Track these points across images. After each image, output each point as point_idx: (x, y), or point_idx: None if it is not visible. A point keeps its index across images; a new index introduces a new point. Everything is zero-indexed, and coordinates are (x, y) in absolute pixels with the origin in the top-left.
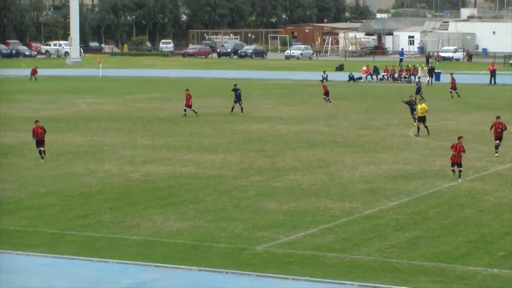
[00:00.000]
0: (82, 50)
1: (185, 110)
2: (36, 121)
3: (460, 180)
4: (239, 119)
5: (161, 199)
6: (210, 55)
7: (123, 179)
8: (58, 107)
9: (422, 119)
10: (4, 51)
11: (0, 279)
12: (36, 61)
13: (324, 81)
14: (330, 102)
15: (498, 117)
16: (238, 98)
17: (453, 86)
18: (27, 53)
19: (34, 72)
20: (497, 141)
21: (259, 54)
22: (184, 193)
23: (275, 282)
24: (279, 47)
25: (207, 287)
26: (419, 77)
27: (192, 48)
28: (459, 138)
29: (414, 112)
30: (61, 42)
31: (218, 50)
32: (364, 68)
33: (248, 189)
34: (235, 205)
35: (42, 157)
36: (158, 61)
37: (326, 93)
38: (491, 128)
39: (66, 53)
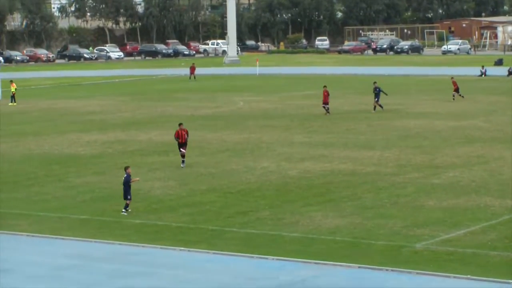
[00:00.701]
0: (239, 49)
1: (324, 107)
2: (180, 124)
3: None
4: (396, 116)
5: (319, 196)
6: (365, 52)
7: (281, 176)
8: (216, 105)
9: None
10: (164, 51)
11: (163, 274)
12: (195, 60)
13: (482, 75)
14: (463, 96)
15: None
16: (377, 96)
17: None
18: (186, 52)
19: (192, 69)
20: None
21: (416, 49)
22: (342, 190)
23: (435, 280)
24: (436, 43)
25: (367, 285)
26: None
27: (347, 45)
28: None
29: None
30: (219, 41)
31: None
32: None
33: (406, 186)
34: (393, 202)
35: (183, 161)
36: (314, 58)
37: (457, 90)
38: None
39: (224, 52)
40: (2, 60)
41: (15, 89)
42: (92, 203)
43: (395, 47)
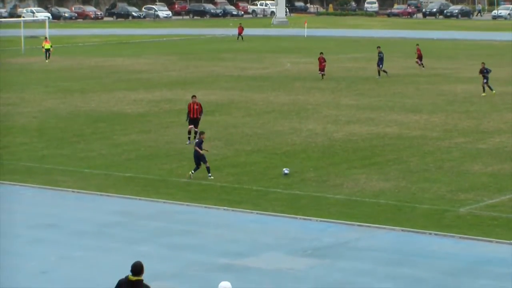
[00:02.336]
0: (287, 10)
1: (320, 74)
2: (193, 96)
3: None
4: (443, 80)
5: (364, 159)
6: (415, 15)
7: (326, 139)
8: (263, 66)
9: None
10: (212, 11)
11: (207, 233)
12: (243, 21)
13: None
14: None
15: None
16: (380, 61)
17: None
18: (234, 12)
19: (240, 29)
20: None
21: (465, 14)
22: (387, 154)
23: (478, 244)
24: (486, 7)
25: (410, 248)
26: None
27: (397, 8)
28: None
29: None
30: (267, 2)
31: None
32: None
33: (452, 151)
34: (438, 167)
35: (189, 138)
36: (363, 21)
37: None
38: None
39: (272, 13)
40: (51, 17)
41: (51, 46)
42: (137, 161)
43: (445, 11)
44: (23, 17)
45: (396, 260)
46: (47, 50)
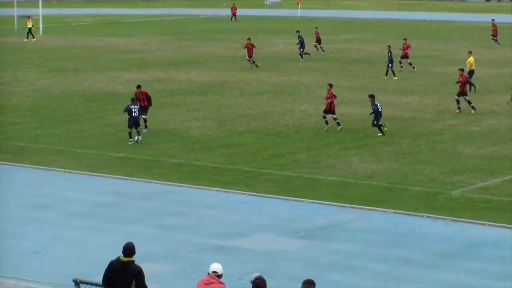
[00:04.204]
0: None
1: (249, 61)
2: (138, 86)
3: None
4: (436, 62)
5: (356, 140)
6: None
7: (319, 119)
8: (257, 46)
9: None
10: None
11: (199, 214)
12: (236, 1)
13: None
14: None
15: None
16: (301, 44)
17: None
18: None
19: (234, 9)
20: None
21: None
22: (380, 135)
23: (470, 227)
24: None
25: (402, 230)
26: None
27: None
28: None
29: None
30: None
31: None
32: None
33: (444, 133)
34: (431, 149)
35: (145, 126)
36: (356, 2)
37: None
38: None
39: None
40: None
41: (32, 25)
42: (131, 141)
43: None
44: None
45: (388, 242)
46: (29, 29)
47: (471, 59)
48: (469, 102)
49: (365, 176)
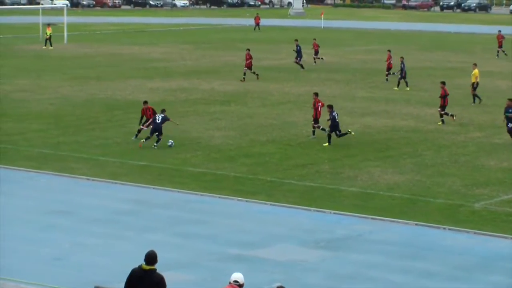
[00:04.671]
0: (304, 1)
1: (244, 74)
2: (145, 102)
3: None
4: (459, 74)
5: (379, 151)
6: (432, 8)
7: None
8: (279, 57)
9: None
10: (229, 1)
11: (220, 223)
12: (260, 11)
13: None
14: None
15: None
16: (299, 54)
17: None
18: (252, 3)
19: (257, 19)
20: None
21: (483, 8)
22: (402, 147)
23: (493, 240)
24: (504, 1)
25: (423, 242)
26: None
27: (414, 0)
28: None
29: None
30: None
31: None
32: None
33: (467, 145)
34: (453, 161)
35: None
36: (380, 13)
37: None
38: None
39: (289, 4)
40: (69, 4)
41: (50, 33)
42: (152, 149)
43: (463, 5)
44: (42, 4)
45: (409, 254)
46: (49, 37)
47: (476, 71)
48: (441, 115)
49: (387, 187)
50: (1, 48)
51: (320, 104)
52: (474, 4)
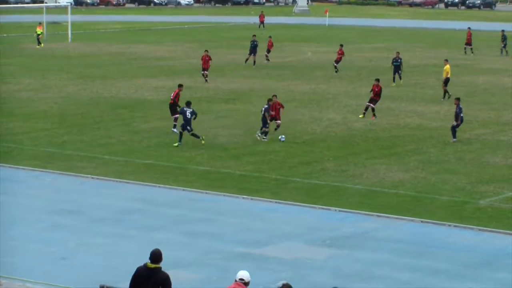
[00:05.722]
0: None
1: (203, 75)
2: (180, 85)
3: None
4: (464, 71)
5: (384, 149)
6: (437, 5)
7: (346, 128)
8: (284, 54)
9: None
10: None
11: (226, 221)
12: (264, 9)
13: None
14: None
15: None
16: (253, 50)
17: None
18: (256, 0)
19: (262, 17)
20: None
21: (488, 5)
22: (407, 144)
23: (498, 237)
24: None
25: (429, 239)
26: None
27: None
28: None
29: None
30: None
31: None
32: None
33: (472, 142)
34: (458, 158)
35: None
36: (384, 10)
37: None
38: None
39: (294, 1)
40: (73, 3)
41: (41, 32)
42: (157, 148)
43: (467, 2)
44: (46, 2)
45: (415, 251)
46: (38, 35)
47: (447, 67)
48: (367, 108)
49: (392, 185)
50: (6, 47)
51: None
52: (479, 1)
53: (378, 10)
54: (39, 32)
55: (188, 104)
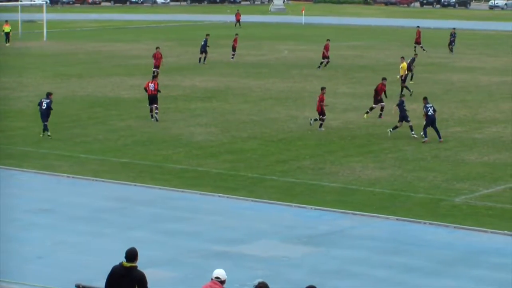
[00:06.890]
0: None
1: (154, 72)
2: (154, 76)
3: None
4: (440, 69)
5: (360, 147)
6: (412, 4)
7: (323, 126)
8: (261, 53)
9: None
10: None
11: (202, 220)
12: (240, 7)
13: None
14: None
15: None
16: (203, 48)
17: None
18: None
19: (238, 16)
20: None
21: (463, 3)
22: (383, 142)
23: (473, 234)
24: None
25: (405, 237)
26: None
27: None
28: None
29: None
30: None
31: None
32: None
33: (448, 140)
34: (434, 156)
35: (151, 115)
36: (361, 9)
37: None
38: None
39: (270, 0)
40: (48, 1)
41: (10, 29)
42: (133, 146)
43: (442, 0)
44: (21, 1)
45: (391, 249)
46: (7, 33)
47: (404, 64)
48: (382, 109)
49: (369, 183)
50: None
51: None
52: (454, 0)
53: (354, 8)
54: (7, 30)
55: (48, 95)
